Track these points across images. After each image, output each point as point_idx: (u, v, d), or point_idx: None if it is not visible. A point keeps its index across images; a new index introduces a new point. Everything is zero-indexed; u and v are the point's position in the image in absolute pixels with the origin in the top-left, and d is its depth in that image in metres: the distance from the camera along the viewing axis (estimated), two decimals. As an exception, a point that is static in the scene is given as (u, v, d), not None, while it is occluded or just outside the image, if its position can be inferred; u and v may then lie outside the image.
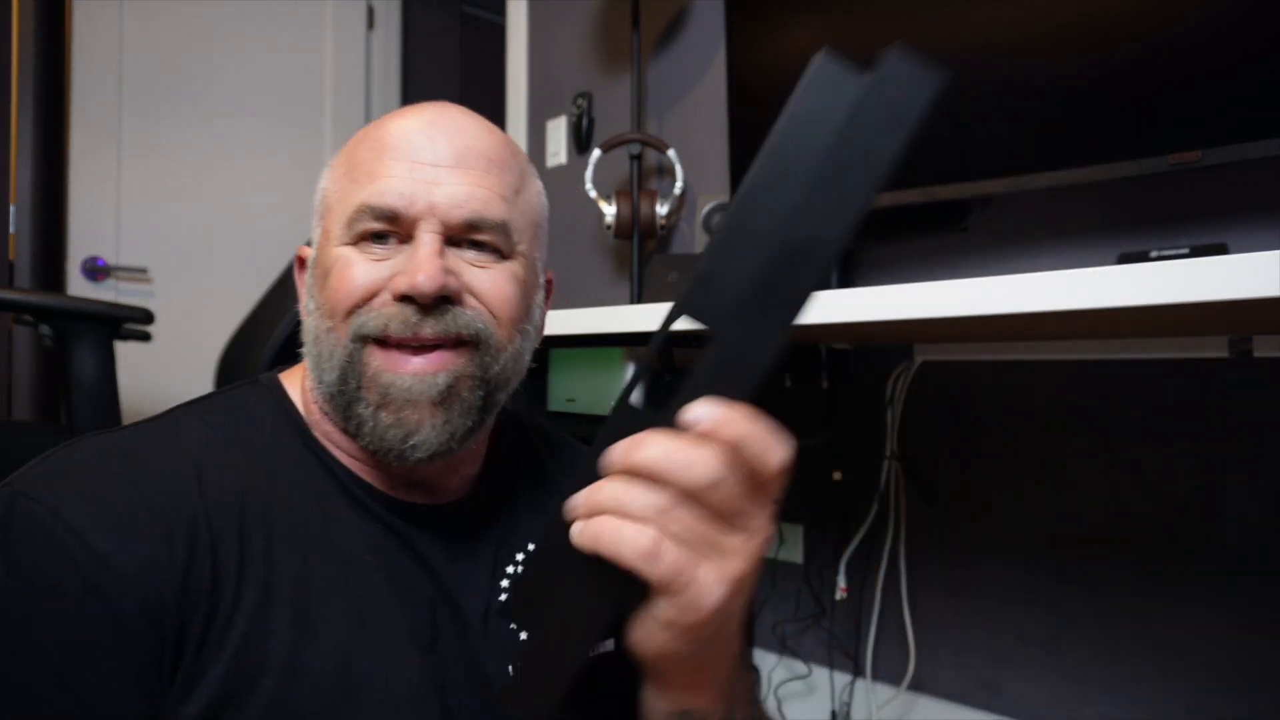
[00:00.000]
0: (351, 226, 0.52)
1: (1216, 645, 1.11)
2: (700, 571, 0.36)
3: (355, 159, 0.55)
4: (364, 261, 0.52)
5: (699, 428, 0.35)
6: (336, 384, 0.52)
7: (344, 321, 0.51)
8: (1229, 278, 0.59)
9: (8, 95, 2.00)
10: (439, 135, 0.53)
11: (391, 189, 0.51)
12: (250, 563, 0.48)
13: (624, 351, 1.12)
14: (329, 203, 0.56)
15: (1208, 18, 0.91)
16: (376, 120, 0.57)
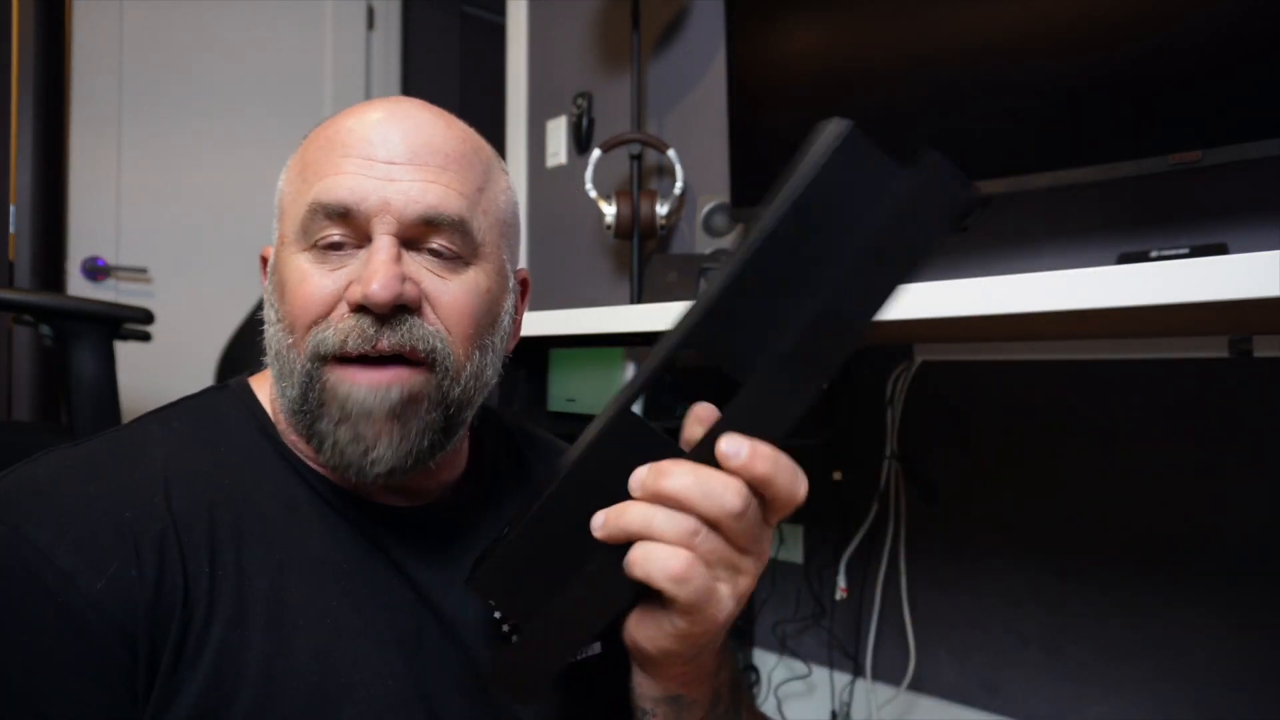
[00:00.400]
0: (306, 230, 0.50)
1: (1216, 645, 1.11)
2: (719, 590, 0.39)
3: (307, 157, 0.52)
4: (319, 272, 0.49)
5: (731, 464, 0.37)
6: (298, 401, 0.50)
7: (303, 338, 0.49)
8: (1229, 278, 0.59)
9: (8, 95, 2.00)
10: (392, 131, 0.50)
11: (341, 184, 0.48)
12: (222, 575, 0.47)
13: (624, 351, 1.12)
14: (283, 204, 0.54)
15: (1208, 18, 0.91)
16: (331, 117, 0.54)
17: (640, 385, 0.41)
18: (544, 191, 2.07)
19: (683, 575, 0.37)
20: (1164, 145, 0.93)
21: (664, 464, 0.38)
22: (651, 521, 0.38)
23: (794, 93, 1.27)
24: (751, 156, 1.32)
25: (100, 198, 2.16)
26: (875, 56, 1.17)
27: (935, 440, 1.37)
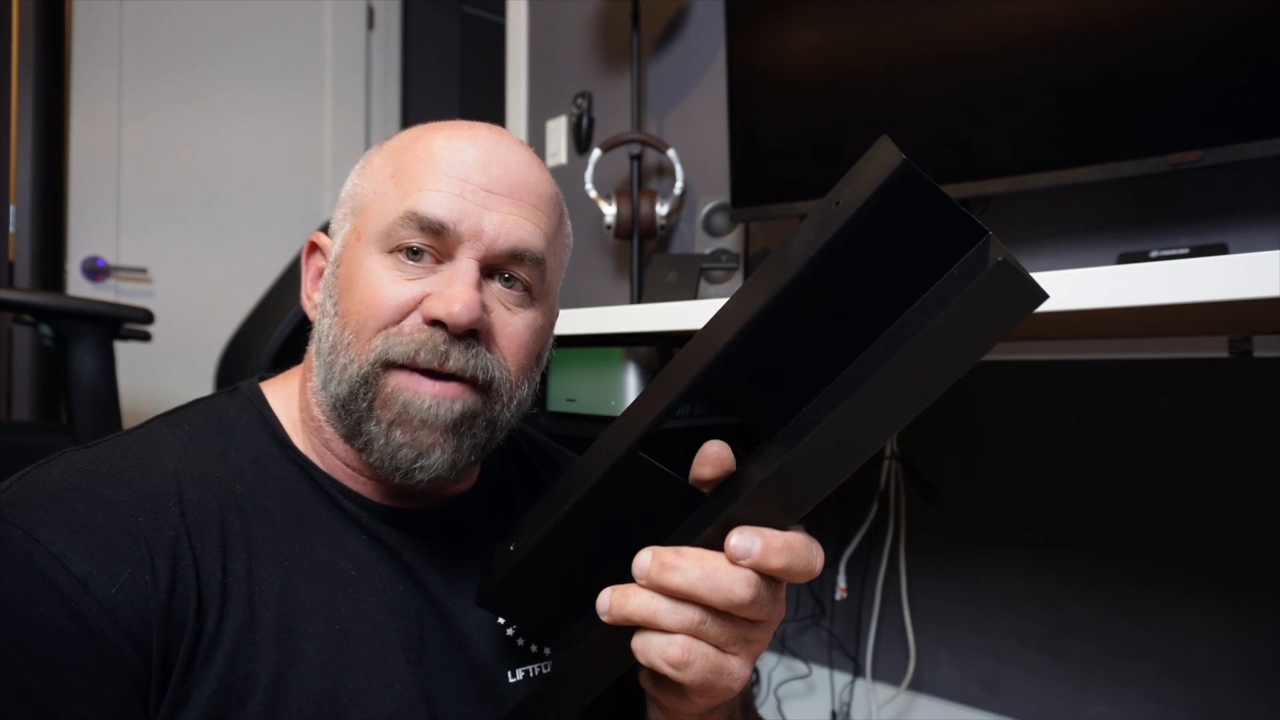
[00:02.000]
0: (391, 233, 0.50)
1: (1217, 645, 1.11)
2: (730, 664, 0.39)
3: (403, 164, 0.52)
4: (396, 279, 0.50)
5: (743, 562, 0.36)
6: (345, 398, 0.50)
7: (369, 340, 0.50)
8: (1229, 278, 0.59)
9: (8, 95, 2.00)
10: (495, 163, 0.52)
11: (442, 202, 0.49)
12: (233, 583, 0.48)
13: (624, 351, 1.12)
14: (363, 200, 0.54)
15: (1208, 18, 0.91)
16: (425, 126, 0.55)
17: (650, 426, 0.39)
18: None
19: (683, 662, 0.37)
20: (1164, 145, 0.93)
21: (668, 555, 0.37)
22: (655, 614, 0.37)
23: (794, 93, 1.27)
24: (751, 156, 1.32)
25: (100, 198, 2.16)
26: (875, 56, 1.17)
27: (935, 440, 1.37)
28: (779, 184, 1.29)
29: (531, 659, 0.57)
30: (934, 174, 1.19)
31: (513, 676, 0.56)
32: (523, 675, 0.56)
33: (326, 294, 0.54)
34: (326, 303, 0.54)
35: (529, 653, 0.57)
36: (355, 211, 0.54)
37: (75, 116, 2.13)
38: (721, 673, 0.38)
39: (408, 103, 2.83)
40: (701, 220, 1.55)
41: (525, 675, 0.56)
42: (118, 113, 2.18)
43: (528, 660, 0.57)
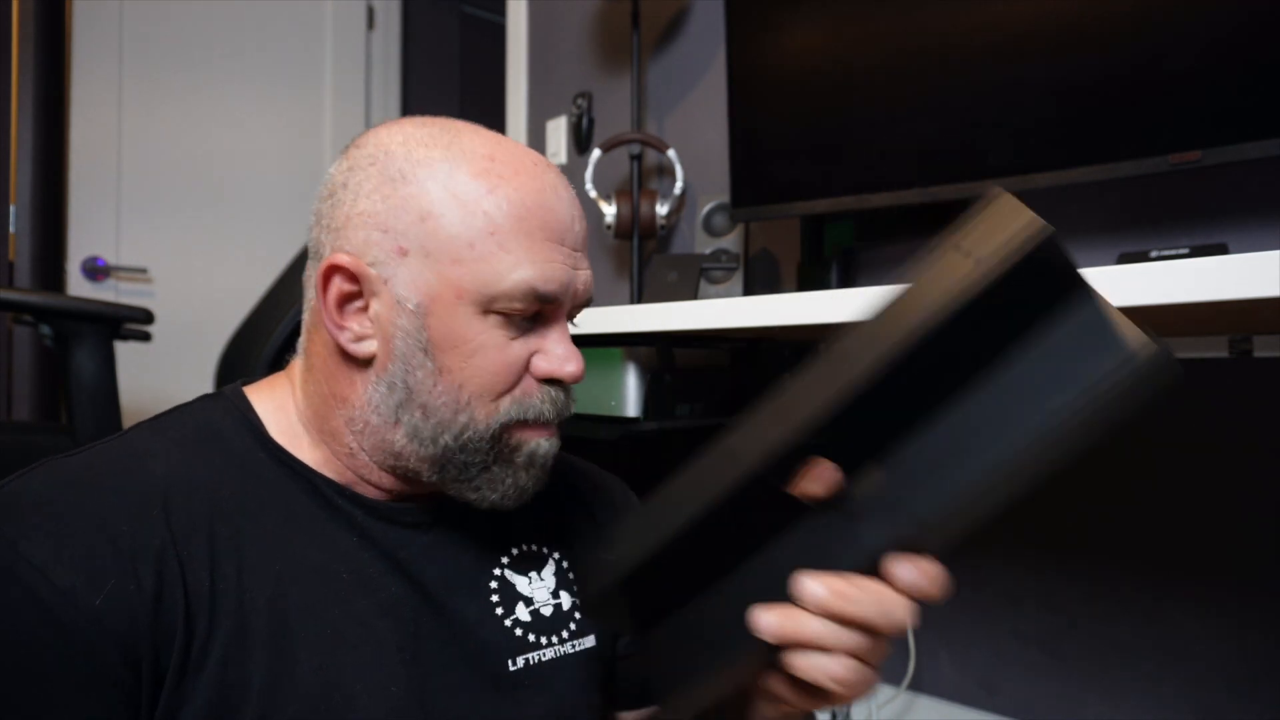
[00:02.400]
0: (501, 300, 0.50)
1: (1217, 645, 1.11)
2: (870, 676, 0.42)
3: (502, 224, 0.50)
4: (506, 342, 0.52)
5: (910, 592, 0.39)
6: (459, 450, 0.52)
7: (493, 403, 0.52)
8: (1229, 278, 0.59)
9: (8, 95, 2.00)
10: (576, 218, 0.54)
11: (555, 276, 0.51)
12: (223, 590, 0.47)
13: (624, 351, 1.12)
14: (457, 252, 0.49)
15: (1208, 18, 0.91)
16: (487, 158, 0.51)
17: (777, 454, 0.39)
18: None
19: (849, 680, 0.40)
20: (1164, 145, 0.93)
21: (842, 586, 0.39)
22: (824, 637, 0.39)
23: (794, 93, 1.27)
24: (751, 156, 1.32)
25: (100, 198, 2.16)
26: (876, 56, 1.17)
27: (935, 440, 1.37)
28: (779, 184, 1.29)
29: (530, 647, 0.58)
30: (934, 174, 1.19)
31: (513, 664, 0.57)
32: (523, 663, 0.57)
33: (412, 344, 0.51)
34: (415, 353, 0.51)
35: (528, 642, 0.58)
36: (432, 254, 0.50)
37: (75, 117, 2.13)
38: (871, 682, 0.42)
39: (408, 103, 2.83)
40: (701, 220, 1.55)
41: (525, 663, 0.57)
42: (118, 113, 2.18)
43: (527, 649, 0.58)
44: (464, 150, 0.52)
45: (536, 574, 0.62)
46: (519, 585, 0.60)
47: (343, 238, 0.52)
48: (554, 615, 0.61)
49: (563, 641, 0.61)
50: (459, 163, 0.51)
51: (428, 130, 0.53)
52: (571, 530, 0.66)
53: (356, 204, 0.51)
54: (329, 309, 0.52)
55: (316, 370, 0.55)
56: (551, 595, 0.62)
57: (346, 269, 0.51)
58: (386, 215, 0.50)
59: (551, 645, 0.60)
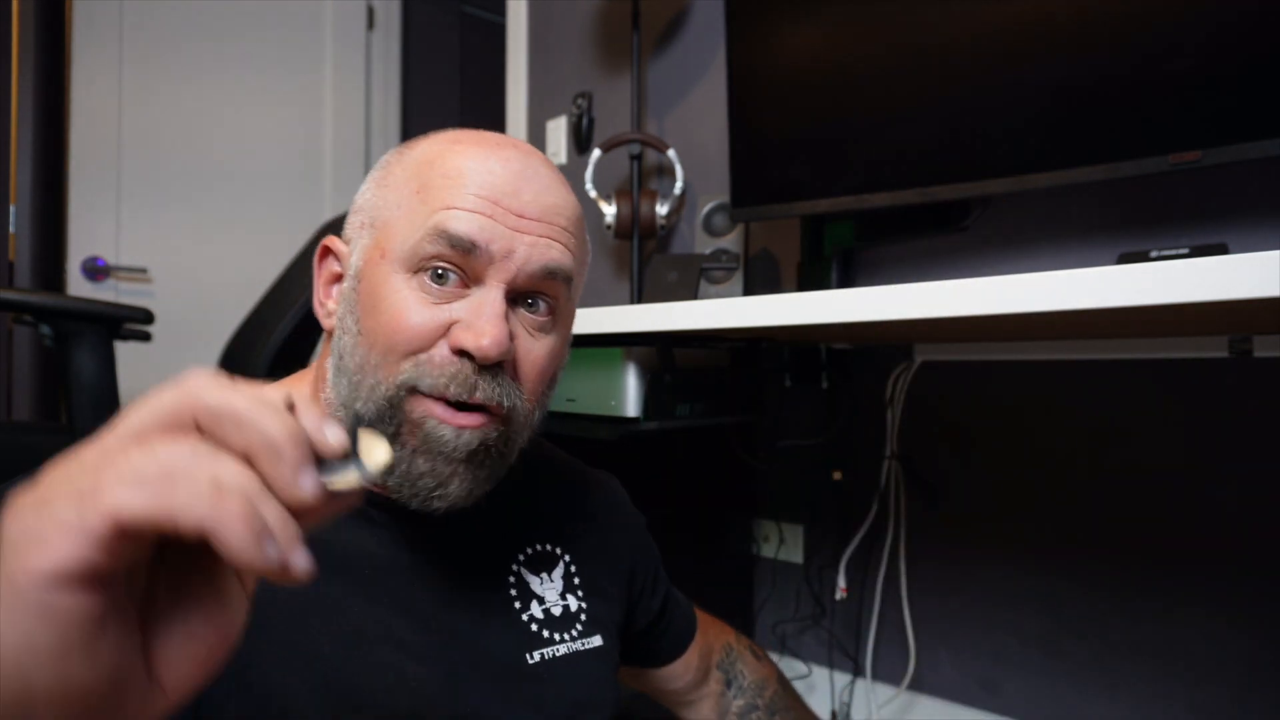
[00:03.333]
0: (417, 251, 0.49)
1: (1216, 645, 1.11)
2: None
3: (428, 180, 0.51)
4: (423, 303, 0.50)
5: None
6: (371, 419, 0.50)
7: (395, 365, 0.50)
8: (1229, 278, 0.59)
9: (8, 95, 2.00)
10: (526, 185, 0.51)
11: (473, 220, 0.49)
12: None
13: (624, 351, 1.12)
14: (385, 214, 0.52)
15: (1208, 17, 0.91)
16: (449, 139, 0.53)
17: None
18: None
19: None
20: (1164, 145, 0.93)
21: None
22: None
23: (794, 93, 1.27)
24: (751, 156, 1.32)
25: (100, 197, 2.16)
26: (875, 56, 1.17)
27: (935, 440, 1.37)
28: (779, 184, 1.29)
29: (546, 643, 0.59)
30: (934, 174, 1.19)
31: (531, 658, 0.58)
32: (539, 657, 0.58)
33: (347, 309, 0.53)
34: (347, 318, 0.53)
35: (543, 637, 0.59)
36: (376, 224, 0.53)
37: (75, 117, 2.13)
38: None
39: (408, 103, 2.83)
40: (701, 220, 1.55)
41: (542, 657, 0.58)
42: (118, 114, 2.18)
43: (543, 644, 0.59)
44: (441, 137, 0.54)
45: (548, 575, 0.63)
46: (532, 584, 0.61)
47: (347, 225, 0.56)
48: (563, 615, 0.62)
49: (574, 639, 0.62)
50: (427, 146, 0.53)
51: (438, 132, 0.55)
52: (574, 531, 0.67)
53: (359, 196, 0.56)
54: (317, 288, 0.56)
55: (321, 356, 0.57)
56: (559, 597, 0.63)
57: (331, 249, 0.56)
58: (363, 199, 0.55)
59: (564, 641, 0.61)
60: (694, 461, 1.47)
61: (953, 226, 1.18)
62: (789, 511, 1.57)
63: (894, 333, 1.12)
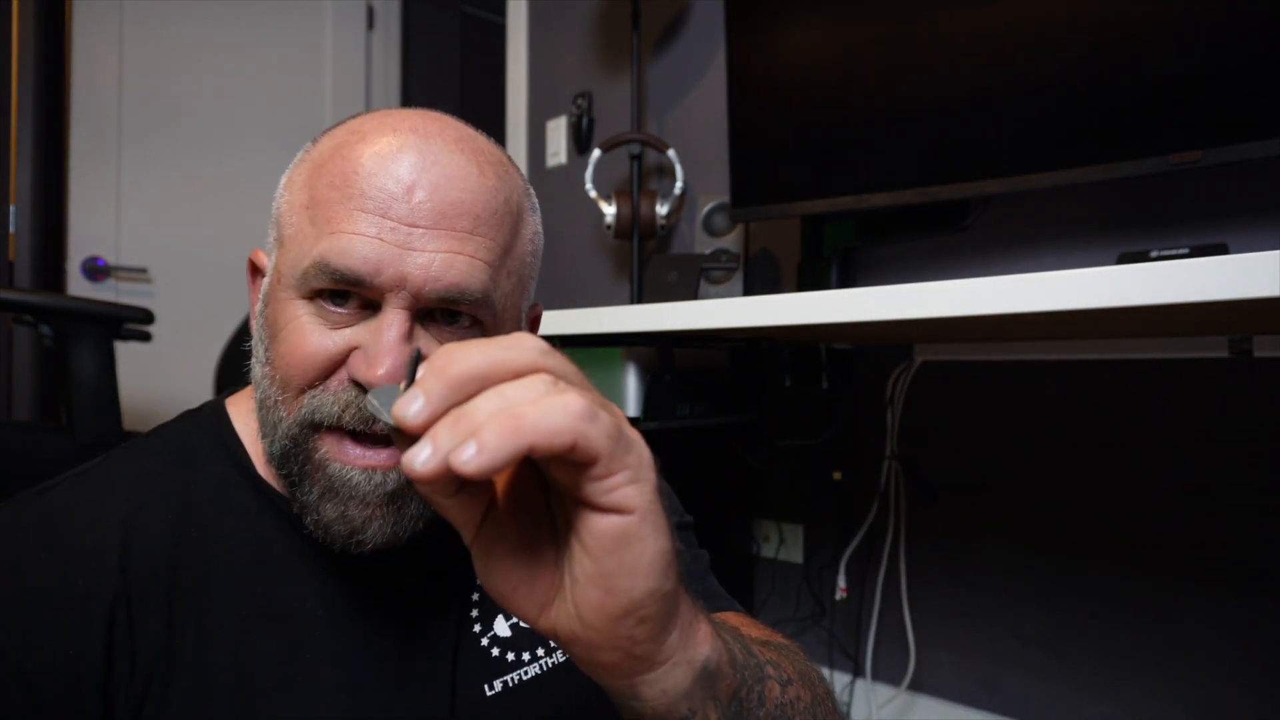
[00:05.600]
0: (306, 279, 0.45)
1: (1216, 645, 1.11)
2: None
3: (318, 191, 0.46)
4: (319, 331, 0.45)
5: None
6: (280, 458, 0.47)
7: (295, 399, 0.45)
8: (1229, 278, 0.59)
9: (8, 95, 2.00)
10: (419, 182, 0.44)
11: (355, 250, 0.43)
12: (181, 642, 0.45)
13: (623, 351, 1.12)
14: (283, 231, 0.48)
15: (1209, 18, 0.91)
16: (350, 128, 0.48)
17: None
18: (544, 191, 2.07)
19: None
20: (1164, 145, 0.93)
21: None
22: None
23: (794, 93, 1.27)
24: (751, 156, 1.32)
25: (100, 198, 2.16)
26: (875, 56, 1.17)
27: (935, 440, 1.37)
28: (779, 184, 1.29)
29: (510, 668, 0.55)
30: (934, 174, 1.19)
31: (490, 689, 0.53)
32: (500, 686, 0.54)
33: (259, 335, 0.48)
34: (259, 346, 0.48)
35: (507, 662, 0.55)
36: (277, 238, 0.48)
37: (75, 116, 2.13)
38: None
39: (408, 103, 2.83)
40: (701, 220, 1.55)
41: (504, 686, 0.54)
42: (118, 112, 2.18)
43: (506, 670, 0.54)
44: (346, 126, 0.48)
45: None
46: None
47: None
48: None
49: (550, 652, 0.56)
50: (327, 141, 0.48)
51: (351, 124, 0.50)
52: None
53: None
54: (252, 305, 0.52)
55: None
56: None
57: (254, 262, 0.52)
58: (275, 206, 0.50)
59: (536, 660, 0.55)
60: (694, 461, 1.47)
61: (953, 226, 1.18)
62: (789, 511, 1.57)
63: (894, 333, 1.12)
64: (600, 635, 0.32)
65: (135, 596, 0.45)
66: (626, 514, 0.30)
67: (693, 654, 0.35)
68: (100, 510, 0.47)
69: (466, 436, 0.27)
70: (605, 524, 0.30)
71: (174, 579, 0.46)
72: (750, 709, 0.39)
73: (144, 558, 0.46)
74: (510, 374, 0.29)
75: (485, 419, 0.27)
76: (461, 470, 0.26)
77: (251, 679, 0.46)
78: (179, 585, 0.46)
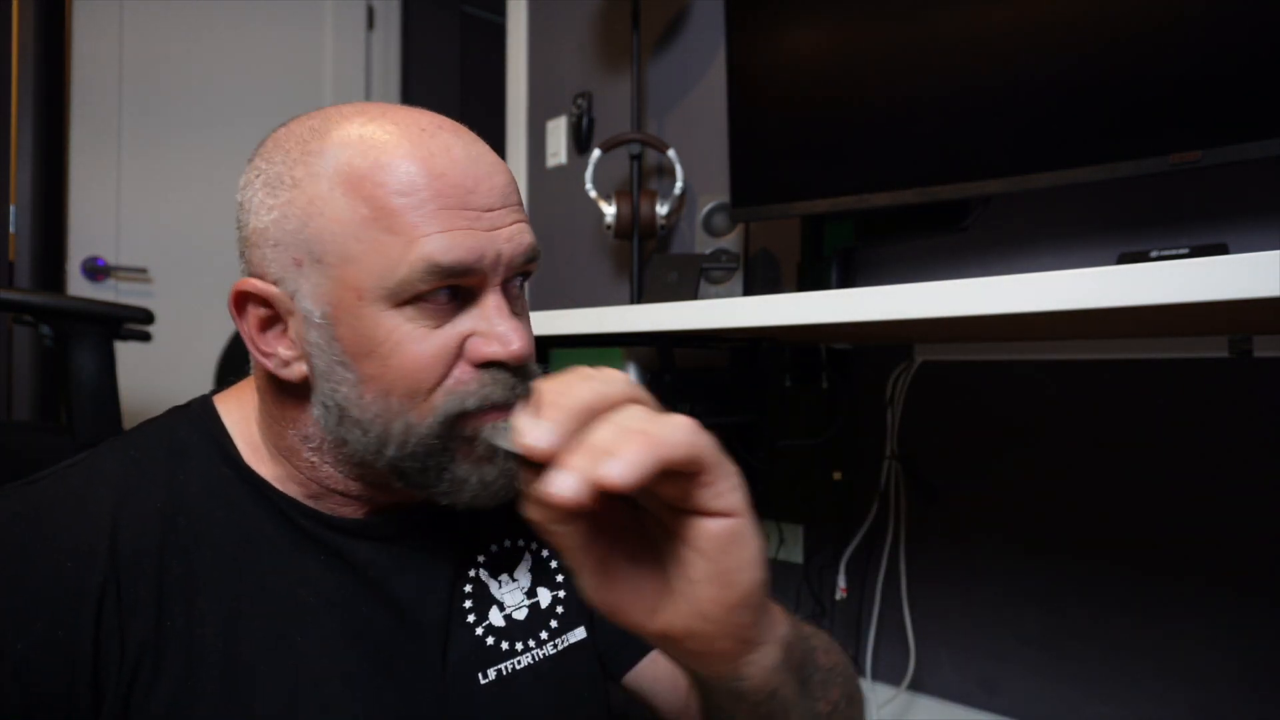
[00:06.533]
0: (407, 285, 0.45)
1: (1216, 645, 1.11)
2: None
3: (379, 199, 0.46)
4: (424, 332, 0.47)
5: None
6: (417, 456, 0.48)
7: (426, 400, 0.47)
8: (1229, 278, 0.59)
9: (8, 95, 2.00)
10: (479, 173, 0.48)
11: (459, 244, 0.46)
12: (170, 627, 0.46)
13: (624, 351, 1.12)
14: (339, 249, 0.46)
15: (1209, 18, 0.91)
16: (358, 136, 0.48)
17: None
18: (544, 191, 2.07)
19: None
20: (1164, 145, 0.93)
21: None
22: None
23: (794, 93, 1.27)
24: (751, 156, 1.32)
25: (100, 198, 2.16)
26: (875, 56, 1.17)
27: (935, 440, 1.37)
28: (779, 184, 1.29)
29: (503, 656, 0.56)
30: (934, 174, 1.19)
31: (484, 678, 0.55)
32: (495, 675, 0.55)
33: (330, 359, 0.48)
34: (336, 369, 0.48)
35: (500, 651, 0.56)
36: (324, 260, 0.47)
37: (75, 116, 2.13)
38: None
39: (407, 103, 2.82)
40: (701, 220, 1.55)
41: (497, 674, 0.55)
42: (118, 112, 2.18)
43: (500, 659, 0.56)
44: (338, 139, 0.48)
45: (509, 575, 0.59)
46: (491, 588, 0.58)
47: (249, 260, 0.50)
48: (529, 617, 0.59)
49: (540, 644, 0.58)
50: (333, 153, 0.47)
51: (307, 126, 0.49)
52: None
53: (249, 222, 0.49)
54: (250, 337, 0.50)
55: (262, 392, 0.53)
56: (526, 595, 0.59)
57: (255, 293, 0.49)
58: (275, 228, 0.48)
59: (528, 650, 0.57)
60: (694, 461, 1.47)
61: (953, 226, 1.18)
62: (789, 511, 1.57)
63: (894, 333, 1.12)
64: (718, 626, 0.36)
65: (124, 584, 0.45)
66: (735, 516, 0.35)
67: (778, 632, 0.41)
68: (88, 500, 0.48)
69: (603, 457, 0.31)
70: (717, 527, 0.35)
71: (162, 566, 0.47)
72: (809, 675, 0.48)
73: (132, 546, 0.46)
74: (611, 405, 0.34)
75: (616, 440, 0.31)
76: (609, 481, 0.30)
77: (241, 664, 0.47)
78: (168, 573, 0.47)
